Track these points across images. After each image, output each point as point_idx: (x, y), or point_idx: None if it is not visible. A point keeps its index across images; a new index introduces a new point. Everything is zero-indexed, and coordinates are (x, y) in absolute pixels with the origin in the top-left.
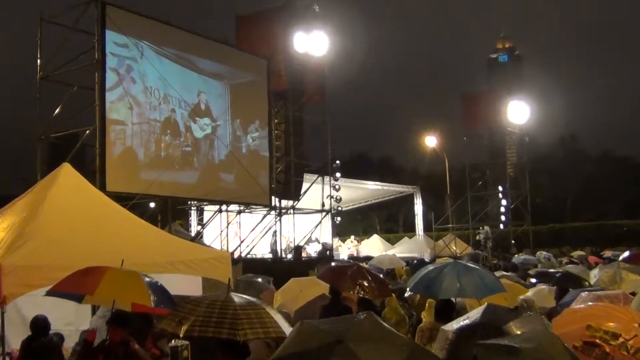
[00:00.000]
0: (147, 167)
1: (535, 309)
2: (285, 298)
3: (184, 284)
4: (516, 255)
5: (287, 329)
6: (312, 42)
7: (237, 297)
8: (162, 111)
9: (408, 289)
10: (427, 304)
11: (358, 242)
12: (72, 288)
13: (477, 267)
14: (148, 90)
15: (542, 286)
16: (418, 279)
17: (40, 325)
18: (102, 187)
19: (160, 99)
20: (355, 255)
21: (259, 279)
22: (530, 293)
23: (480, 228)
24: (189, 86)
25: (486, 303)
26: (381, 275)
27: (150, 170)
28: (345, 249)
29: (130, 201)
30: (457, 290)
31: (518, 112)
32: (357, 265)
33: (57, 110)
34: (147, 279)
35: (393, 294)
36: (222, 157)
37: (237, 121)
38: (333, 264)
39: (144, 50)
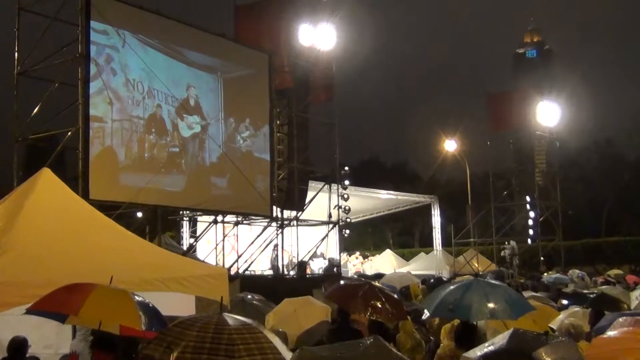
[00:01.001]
0: (129, 170)
1: (582, 335)
2: (277, 319)
3: (175, 304)
4: (546, 274)
5: (287, 354)
6: (319, 35)
7: (231, 319)
8: (147, 107)
9: (426, 311)
10: (442, 328)
11: (364, 258)
12: (54, 306)
13: (499, 283)
14: (130, 83)
15: (575, 309)
16: (439, 300)
17: (15, 347)
18: (85, 195)
19: (144, 93)
20: (361, 272)
21: (257, 301)
22: (562, 316)
23: (506, 243)
24: (176, 79)
25: (512, 327)
26: (395, 295)
27: (131, 174)
28: (352, 266)
29: (116, 210)
30: (489, 312)
31: (548, 114)
32: (369, 284)
33: (36, 109)
34: (138, 299)
35: (408, 317)
36: (213, 159)
37: (231, 120)
38: (342, 282)
39: (126, 37)
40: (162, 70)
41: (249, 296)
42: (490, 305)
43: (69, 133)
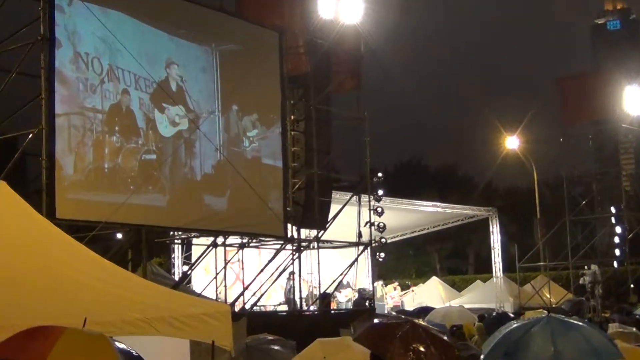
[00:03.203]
0: (79, 188)
1: None
2: None
3: (165, 351)
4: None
5: None
6: (343, 5)
7: None
8: (107, 94)
9: (482, 356)
10: None
11: (404, 288)
12: (13, 354)
13: (579, 323)
14: (82, 60)
15: None
16: (496, 342)
17: None
18: (50, 214)
19: (102, 74)
20: (400, 306)
21: (276, 345)
22: None
23: (585, 267)
24: (152, 53)
25: None
26: (445, 337)
27: (83, 192)
28: (390, 299)
29: (90, 232)
30: (551, 357)
31: (637, 101)
32: (410, 323)
33: None
34: (119, 345)
35: None
36: (207, 169)
37: (232, 112)
38: (376, 320)
39: None
40: (131, 40)
41: (264, 338)
42: (553, 349)
43: (30, 135)
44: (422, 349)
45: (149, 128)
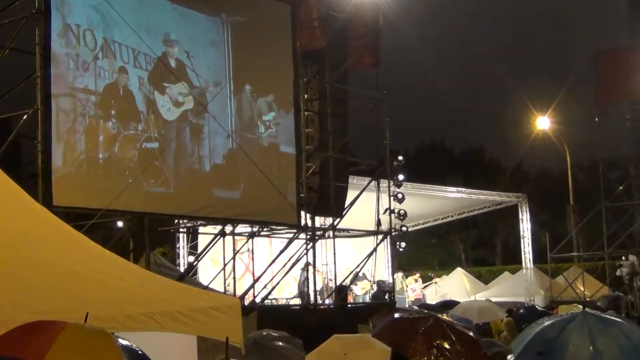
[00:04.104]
0: (68, 181)
1: None
2: None
3: (171, 348)
4: None
5: None
6: None
7: None
8: (101, 73)
9: (513, 357)
10: None
11: (425, 280)
12: (11, 351)
13: (617, 318)
14: (72, 33)
15: None
16: (529, 340)
17: None
18: (46, 200)
19: (96, 49)
20: (423, 300)
21: (282, 342)
22: None
23: (623, 258)
24: (153, 25)
25: None
26: (471, 333)
27: (73, 187)
28: (410, 292)
29: (89, 220)
30: (591, 356)
31: None
32: (433, 318)
33: None
34: (122, 342)
35: None
36: (218, 159)
37: (245, 92)
38: (396, 315)
39: None
40: (129, 9)
41: (268, 334)
42: (592, 348)
43: (25, 117)
44: (446, 345)
45: (150, 112)
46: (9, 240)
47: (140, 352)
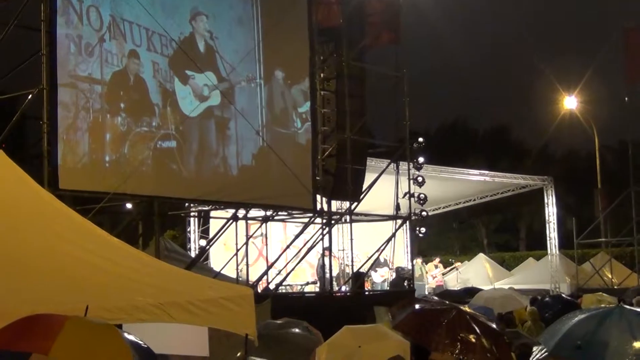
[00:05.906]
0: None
1: None
2: (333, 357)
3: (181, 340)
4: None
5: None
6: None
7: None
8: (108, 57)
9: (546, 350)
10: None
11: (446, 266)
12: (12, 345)
13: None
14: (74, 10)
15: None
16: (563, 334)
17: None
18: (52, 183)
19: (102, 29)
20: (444, 286)
21: (298, 329)
22: None
23: None
24: (172, 0)
25: None
26: (493, 324)
27: (80, 171)
28: (430, 279)
29: (96, 204)
30: (634, 354)
31: None
32: (457, 310)
33: None
34: (128, 337)
35: (513, 355)
36: (246, 159)
37: (276, 79)
38: (417, 306)
39: None
40: None
41: (269, 323)
42: (635, 344)
43: (30, 96)
44: (472, 339)
45: (166, 104)
46: (11, 226)
47: (145, 345)
